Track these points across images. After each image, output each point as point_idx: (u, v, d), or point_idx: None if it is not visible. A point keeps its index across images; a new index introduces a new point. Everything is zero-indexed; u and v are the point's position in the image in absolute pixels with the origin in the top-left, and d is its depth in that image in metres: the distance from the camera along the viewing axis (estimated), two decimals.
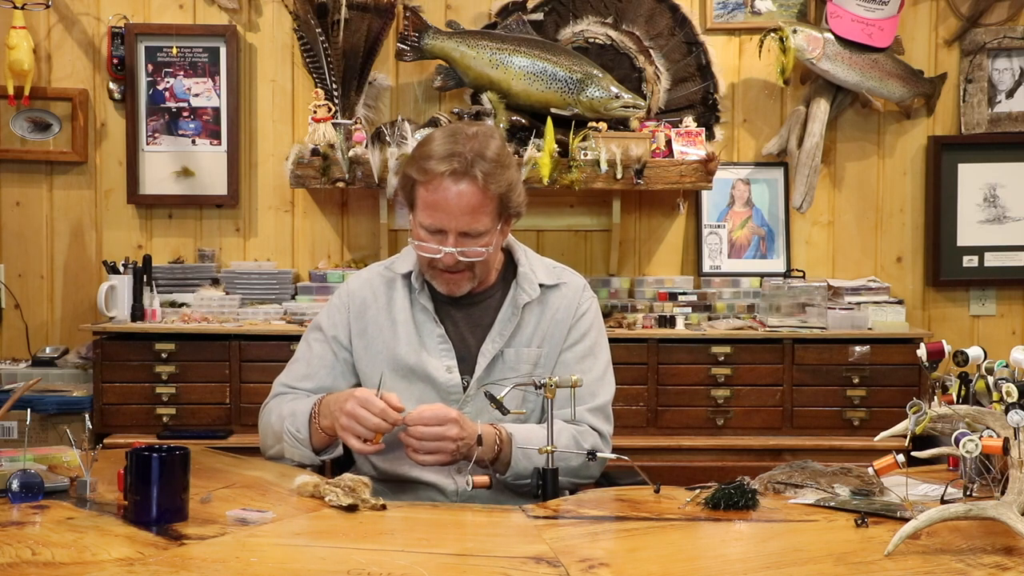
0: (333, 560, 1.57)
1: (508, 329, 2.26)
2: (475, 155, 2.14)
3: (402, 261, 2.33)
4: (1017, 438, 1.63)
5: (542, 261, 2.36)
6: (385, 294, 2.30)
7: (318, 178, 3.56)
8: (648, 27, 3.81)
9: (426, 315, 2.27)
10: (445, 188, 2.14)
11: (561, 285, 2.32)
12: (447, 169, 2.13)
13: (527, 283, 2.28)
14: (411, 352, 2.25)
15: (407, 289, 2.29)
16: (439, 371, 2.24)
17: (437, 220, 2.17)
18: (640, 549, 1.65)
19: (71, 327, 3.86)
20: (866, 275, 3.92)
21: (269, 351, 3.46)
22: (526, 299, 2.27)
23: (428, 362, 2.24)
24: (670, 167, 3.59)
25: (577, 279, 2.37)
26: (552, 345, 2.28)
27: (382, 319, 2.28)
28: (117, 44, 3.80)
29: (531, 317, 2.28)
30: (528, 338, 2.27)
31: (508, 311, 2.27)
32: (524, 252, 2.35)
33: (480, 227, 2.17)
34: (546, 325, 2.28)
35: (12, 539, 1.62)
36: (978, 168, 3.92)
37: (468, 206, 2.15)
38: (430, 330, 2.27)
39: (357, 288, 2.34)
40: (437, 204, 2.16)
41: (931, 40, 3.93)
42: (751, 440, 3.48)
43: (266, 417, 2.31)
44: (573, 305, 2.31)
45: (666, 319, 3.59)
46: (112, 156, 3.89)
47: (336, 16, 3.64)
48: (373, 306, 2.30)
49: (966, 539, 1.63)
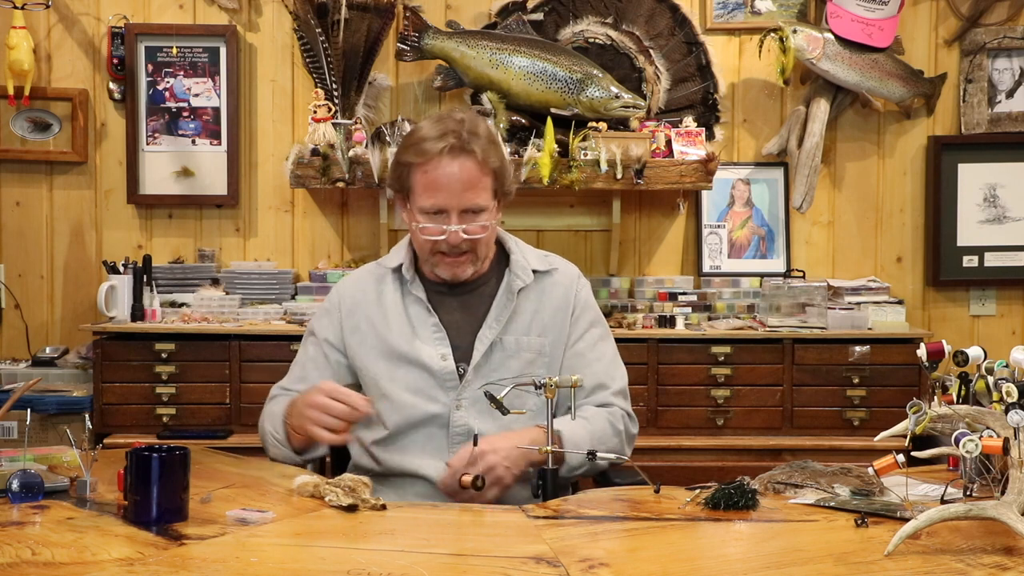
0: (333, 560, 1.57)
1: (504, 315, 2.25)
2: (469, 133, 2.18)
3: (391, 257, 2.35)
4: (1017, 438, 1.63)
5: (532, 250, 2.37)
6: (375, 289, 2.31)
7: (318, 178, 3.56)
8: (648, 27, 3.81)
9: (419, 305, 2.27)
10: (444, 165, 2.16)
11: (553, 271, 2.33)
12: (444, 146, 2.15)
13: (520, 269, 2.29)
14: (403, 340, 2.25)
15: (398, 282, 2.30)
16: (433, 359, 2.23)
17: (439, 200, 2.17)
18: (640, 549, 1.65)
19: (71, 327, 3.86)
20: (866, 275, 3.92)
21: (269, 351, 3.46)
22: (520, 284, 2.27)
23: (422, 350, 2.24)
24: (670, 167, 3.59)
25: (569, 266, 2.37)
26: (556, 335, 2.28)
27: (373, 313, 2.29)
28: (117, 44, 3.80)
29: (527, 304, 2.28)
30: (527, 326, 2.27)
31: (503, 297, 2.27)
32: (515, 242, 2.36)
33: (481, 202, 2.18)
34: (545, 314, 2.28)
35: (12, 539, 1.62)
36: (978, 168, 3.92)
37: (468, 181, 2.17)
38: (423, 319, 2.26)
39: (347, 288, 2.36)
40: (437, 183, 2.17)
41: (931, 40, 3.93)
42: (751, 440, 3.48)
43: (260, 421, 2.33)
44: (571, 293, 2.31)
45: (666, 319, 3.59)
46: (112, 156, 3.89)
47: (336, 16, 3.64)
48: (363, 302, 2.31)
49: (966, 539, 1.63)
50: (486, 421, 2.19)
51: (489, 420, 2.19)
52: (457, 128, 2.18)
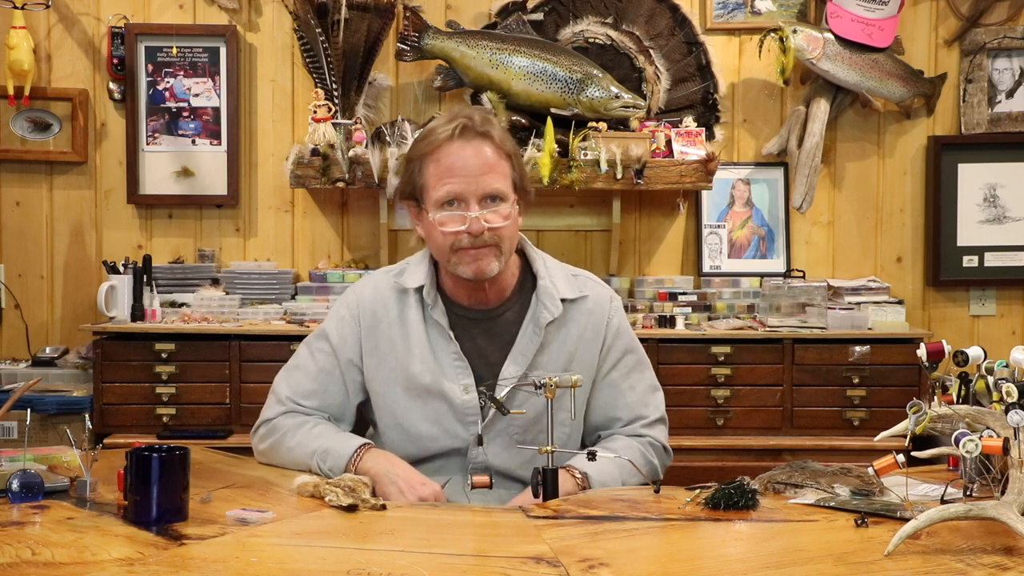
0: (333, 560, 1.56)
1: (530, 350, 2.12)
2: (482, 119, 2.09)
3: (411, 275, 2.18)
4: (1017, 438, 1.63)
5: (561, 269, 2.22)
6: (397, 307, 2.16)
7: (318, 178, 3.56)
8: (648, 27, 3.81)
9: (440, 331, 2.14)
10: (459, 149, 2.05)
11: (584, 299, 2.18)
12: (456, 126, 2.05)
13: (548, 298, 2.13)
14: (425, 371, 2.12)
15: (420, 304, 2.15)
16: (455, 391, 2.11)
17: (454, 186, 2.04)
18: (640, 549, 1.65)
19: (71, 327, 3.86)
20: (866, 275, 3.92)
21: (269, 351, 3.46)
22: (548, 317, 2.12)
23: (443, 382, 2.12)
24: (670, 167, 3.59)
25: (601, 290, 2.23)
26: (583, 369, 2.14)
27: (395, 335, 2.15)
28: (117, 44, 3.80)
29: (555, 336, 2.14)
30: (554, 360, 2.14)
31: (530, 330, 2.13)
32: (543, 260, 2.20)
33: (500, 187, 2.06)
34: (572, 346, 2.15)
35: (12, 539, 1.61)
36: (978, 168, 3.92)
37: (485, 164, 2.05)
38: (444, 347, 2.13)
39: (367, 301, 2.19)
40: (453, 169, 2.04)
41: (931, 40, 3.93)
42: (751, 440, 3.48)
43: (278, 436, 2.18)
44: (601, 323, 2.18)
45: (666, 319, 3.59)
46: (112, 156, 3.89)
47: (336, 16, 3.64)
48: (385, 320, 2.17)
49: (966, 539, 1.63)
50: (504, 459, 2.13)
51: (507, 458, 2.13)
52: (468, 114, 2.09)
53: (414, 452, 2.15)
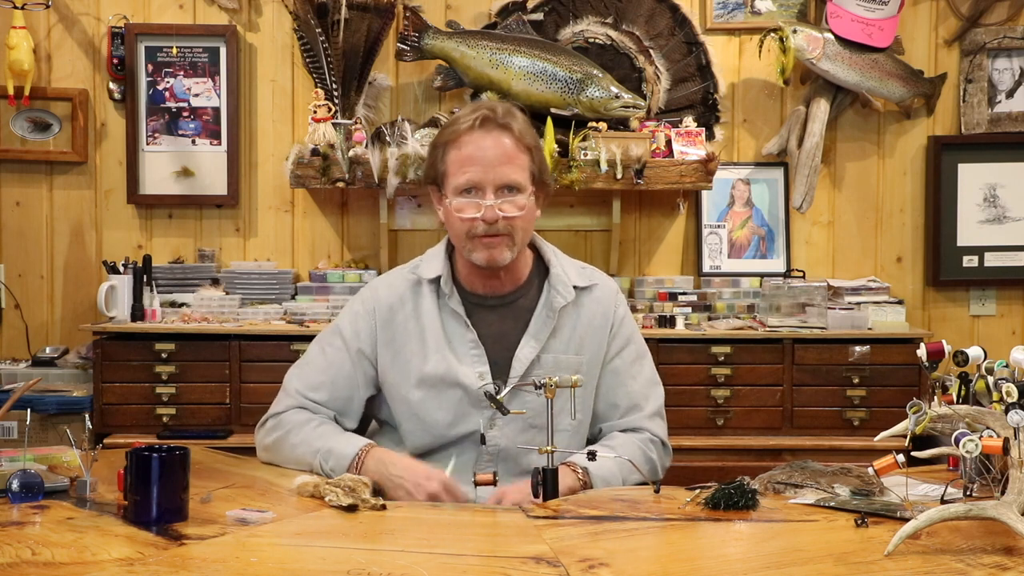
0: (333, 560, 1.57)
1: (544, 333, 2.19)
2: (504, 111, 2.15)
3: (428, 266, 2.24)
4: (1017, 438, 1.63)
5: (571, 262, 2.31)
6: (412, 299, 2.22)
7: (318, 178, 3.56)
8: (648, 27, 3.81)
9: (456, 319, 2.19)
10: (479, 138, 2.11)
11: (593, 287, 2.26)
12: (478, 116, 2.12)
13: (560, 285, 2.21)
14: (440, 360, 2.17)
15: (435, 295, 2.21)
16: (470, 378, 2.16)
17: (473, 175, 2.11)
18: (640, 549, 1.65)
19: (71, 327, 3.86)
20: (866, 275, 3.92)
21: (269, 351, 3.46)
22: (562, 302, 2.20)
23: (459, 369, 2.16)
24: (670, 167, 3.59)
25: (608, 281, 2.32)
26: (592, 353, 2.22)
27: (410, 326, 2.20)
28: (117, 44, 3.80)
29: (567, 320, 2.21)
30: (566, 343, 2.20)
31: (543, 314, 2.20)
32: (554, 252, 2.29)
33: (518, 178, 2.12)
34: (583, 330, 2.22)
35: (12, 539, 1.62)
36: (978, 168, 3.92)
37: (504, 155, 2.11)
38: (461, 335, 2.19)
39: (382, 295, 2.24)
40: (472, 157, 2.11)
41: (931, 40, 3.93)
42: (751, 440, 3.48)
43: (283, 432, 2.19)
44: (610, 310, 2.26)
45: (666, 319, 3.59)
46: (112, 156, 3.89)
47: (336, 16, 3.64)
48: (400, 312, 2.21)
49: (966, 539, 1.63)
50: (520, 442, 2.14)
51: (522, 440, 2.15)
52: (492, 106, 2.16)
53: (429, 441, 2.19)
